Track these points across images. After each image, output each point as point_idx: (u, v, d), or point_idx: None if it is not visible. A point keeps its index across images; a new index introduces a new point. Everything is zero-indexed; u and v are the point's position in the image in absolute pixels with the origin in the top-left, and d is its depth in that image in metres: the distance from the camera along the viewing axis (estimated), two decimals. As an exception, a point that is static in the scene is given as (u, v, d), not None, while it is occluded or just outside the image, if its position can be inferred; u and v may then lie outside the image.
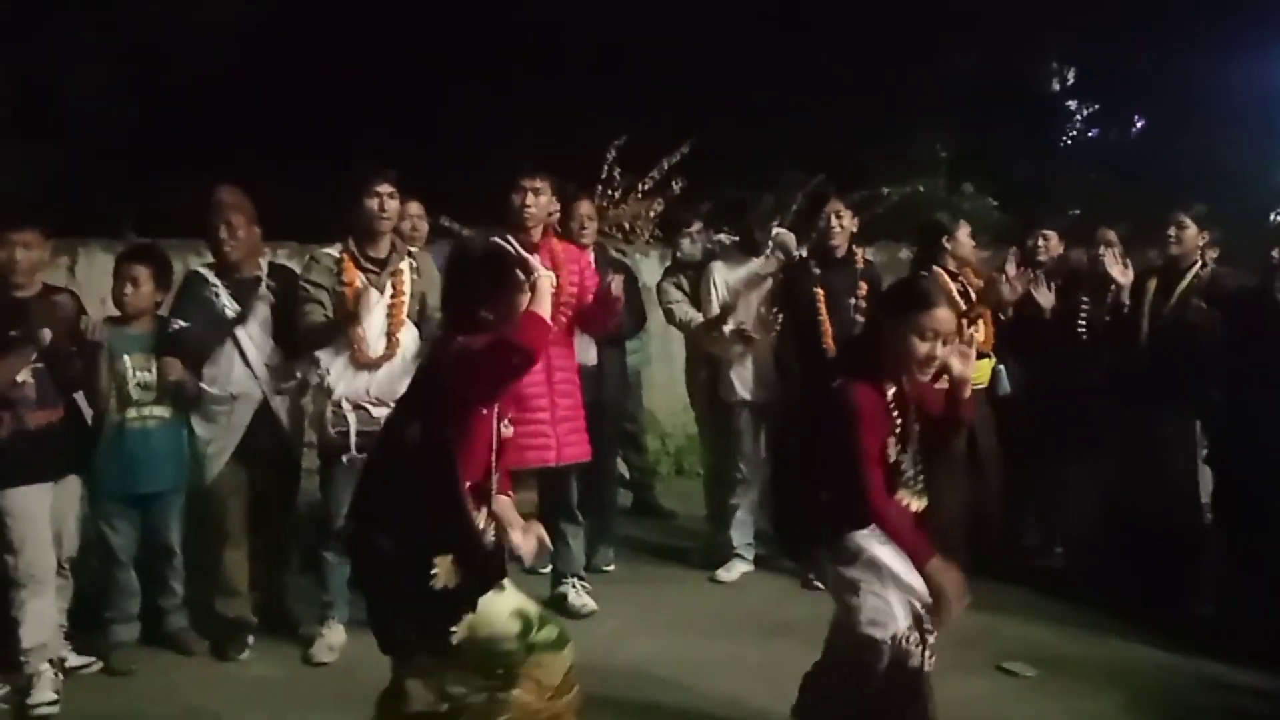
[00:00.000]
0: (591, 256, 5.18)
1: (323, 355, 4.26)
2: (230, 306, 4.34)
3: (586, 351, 4.92)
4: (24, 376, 3.90)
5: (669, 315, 5.48)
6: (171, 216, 6.17)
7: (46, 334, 3.89)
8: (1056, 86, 14.41)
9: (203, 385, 4.33)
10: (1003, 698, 3.93)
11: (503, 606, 2.83)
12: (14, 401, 3.89)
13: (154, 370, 4.29)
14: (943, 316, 2.97)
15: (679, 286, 5.44)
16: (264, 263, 4.54)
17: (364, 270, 4.30)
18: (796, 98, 10.74)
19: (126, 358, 4.25)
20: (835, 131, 10.60)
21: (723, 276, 5.29)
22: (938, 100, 11.89)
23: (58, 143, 8.34)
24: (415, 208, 5.08)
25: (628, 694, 4.00)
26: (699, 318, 5.30)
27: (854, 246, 5.23)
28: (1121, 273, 4.75)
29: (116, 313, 4.36)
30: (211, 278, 4.39)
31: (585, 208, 5.32)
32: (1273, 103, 10.92)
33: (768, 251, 5.34)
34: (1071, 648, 4.34)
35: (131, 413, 4.27)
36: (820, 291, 5.10)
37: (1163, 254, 4.74)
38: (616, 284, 4.36)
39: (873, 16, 11.23)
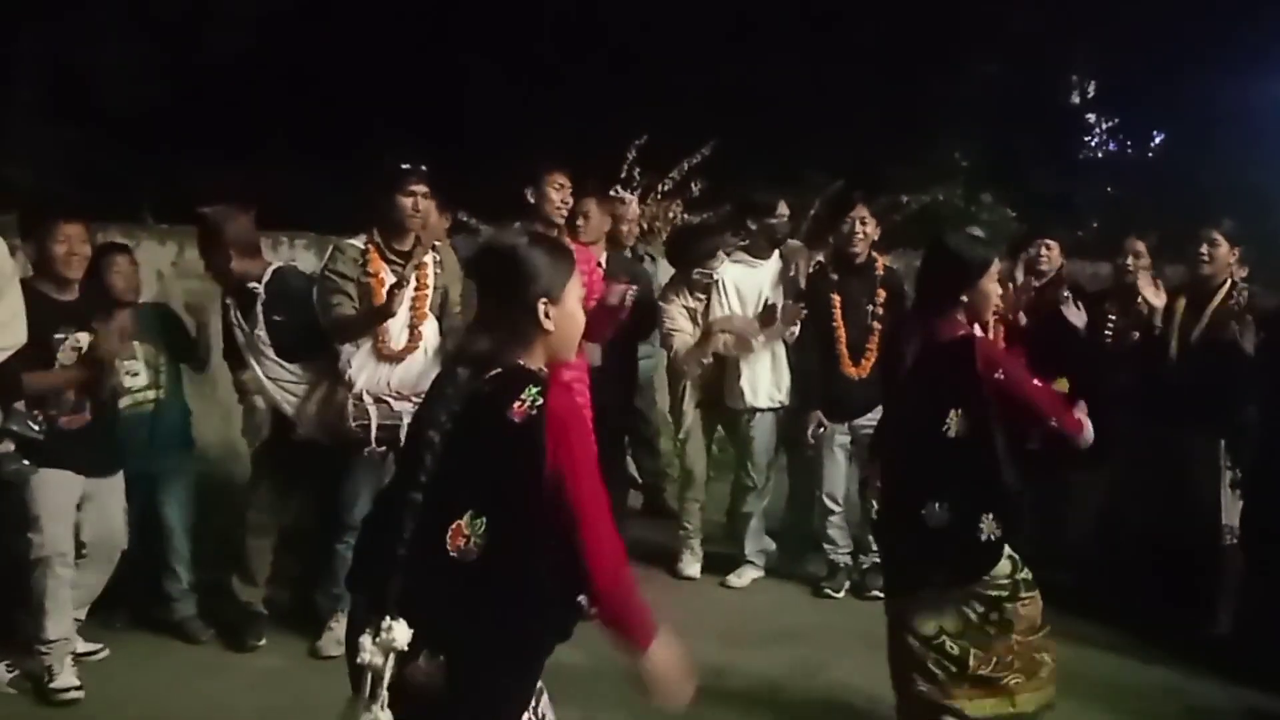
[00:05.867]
0: (603, 256, 5.12)
1: (344, 347, 4.22)
2: (236, 323, 4.35)
3: (593, 353, 4.86)
4: None
5: (666, 340, 5.31)
6: (190, 202, 6.17)
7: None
8: (1077, 99, 14.37)
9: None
10: (1016, 714, 3.89)
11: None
12: (50, 403, 3.88)
13: (140, 357, 4.37)
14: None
15: (688, 312, 5.26)
16: (268, 271, 4.40)
17: (389, 263, 4.27)
18: (819, 102, 10.70)
19: None
20: (856, 137, 10.57)
21: (733, 280, 5.25)
22: (959, 109, 11.85)
23: (76, 125, 8.33)
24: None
25: (633, 697, 3.97)
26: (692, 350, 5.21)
27: (874, 253, 5.19)
28: (1155, 294, 4.63)
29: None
30: (226, 299, 4.42)
31: (585, 205, 5.12)
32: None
33: (779, 257, 5.32)
34: (1086, 666, 4.30)
35: (125, 401, 4.33)
36: (837, 298, 5.08)
37: (1191, 271, 4.66)
38: (616, 293, 4.32)
39: (897, 23, 11.20)
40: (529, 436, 1.98)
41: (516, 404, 1.99)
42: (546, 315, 2.09)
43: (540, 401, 2.00)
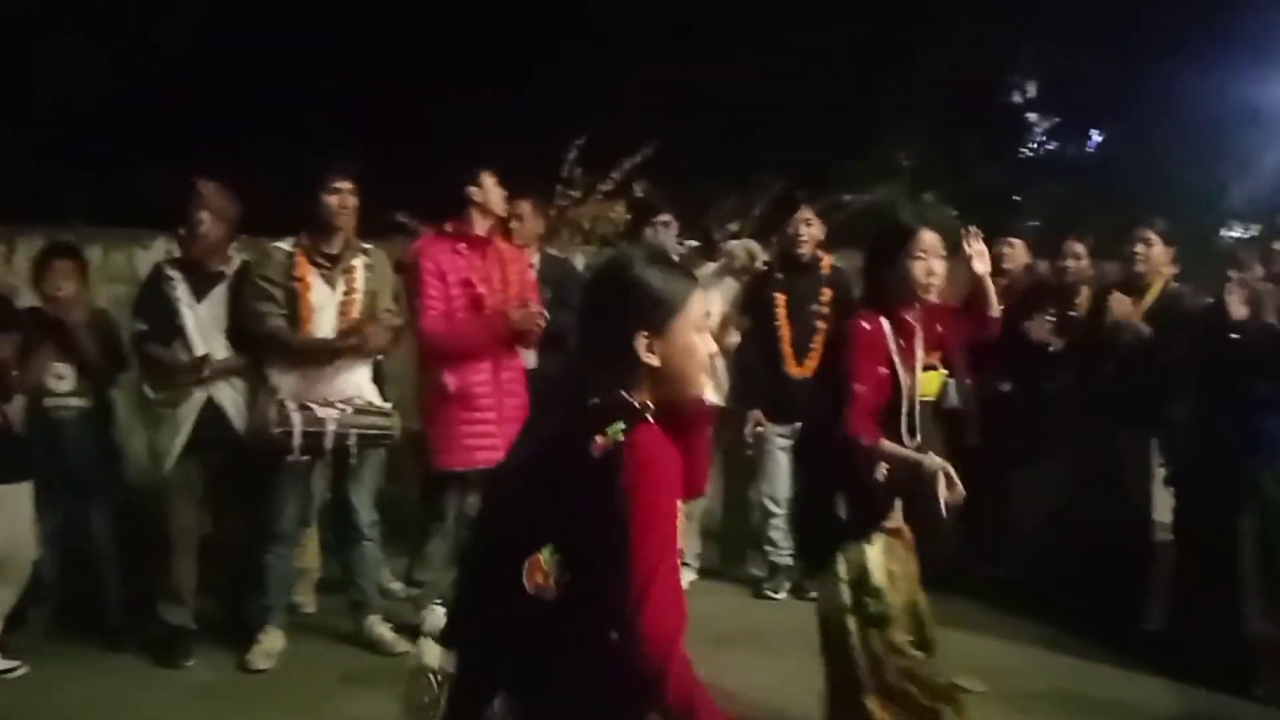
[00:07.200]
0: (536, 258, 5.06)
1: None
2: (185, 301, 4.25)
3: (528, 356, 4.78)
4: None
5: None
6: (121, 206, 6.04)
7: None
8: (1019, 98, 14.52)
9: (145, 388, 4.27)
10: (952, 713, 3.90)
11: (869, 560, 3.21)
12: None
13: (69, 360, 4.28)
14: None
15: None
16: (236, 259, 4.40)
17: (316, 266, 4.20)
18: (763, 102, 10.72)
19: None
20: (800, 136, 10.60)
21: None
22: (902, 108, 11.93)
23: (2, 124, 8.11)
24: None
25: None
26: None
27: (819, 253, 5.19)
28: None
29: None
30: (170, 271, 4.31)
31: (519, 207, 5.04)
32: (1227, 121, 11.06)
33: (723, 257, 5.31)
34: (1022, 662, 4.34)
35: (50, 401, 4.26)
36: (781, 297, 5.07)
37: (1125, 270, 4.72)
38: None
39: (840, 23, 11.25)
40: (605, 473, 1.78)
41: (599, 437, 1.81)
42: (650, 350, 1.90)
43: (622, 438, 1.80)
